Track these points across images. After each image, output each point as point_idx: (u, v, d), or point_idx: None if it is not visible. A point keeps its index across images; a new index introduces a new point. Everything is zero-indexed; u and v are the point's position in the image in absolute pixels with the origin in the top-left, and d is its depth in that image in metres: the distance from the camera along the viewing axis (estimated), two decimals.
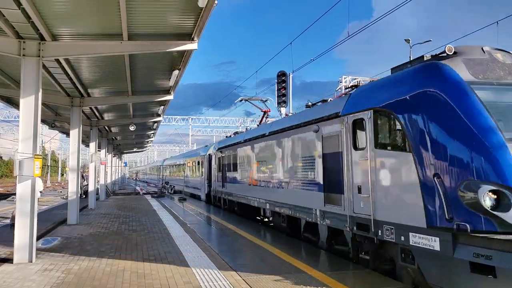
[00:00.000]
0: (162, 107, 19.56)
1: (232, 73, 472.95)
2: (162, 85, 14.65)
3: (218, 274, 7.65)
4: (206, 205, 23.65)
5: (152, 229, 13.62)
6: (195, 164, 29.93)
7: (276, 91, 19.61)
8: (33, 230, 8.97)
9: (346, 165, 8.40)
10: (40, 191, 19.87)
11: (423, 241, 6.32)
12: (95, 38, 9.59)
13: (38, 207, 10.33)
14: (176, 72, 12.27)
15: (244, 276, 7.49)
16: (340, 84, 32.01)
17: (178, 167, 39.48)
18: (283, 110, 19.23)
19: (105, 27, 9.07)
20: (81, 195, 22.85)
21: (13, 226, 9.42)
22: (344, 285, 6.88)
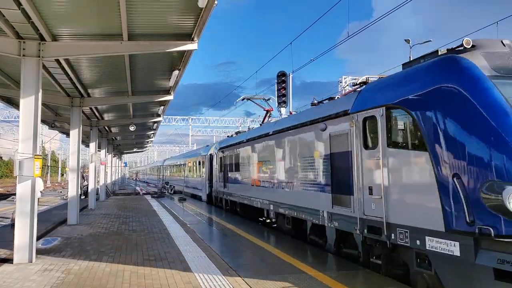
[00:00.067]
0: (162, 107, 19.57)
1: (232, 73, 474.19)
2: (162, 85, 14.65)
3: (218, 275, 7.65)
4: (208, 205, 23.35)
5: (152, 229, 13.62)
6: (196, 164, 29.63)
7: (276, 91, 19.59)
8: (33, 230, 8.97)
9: (355, 165, 8.02)
10: (40, 191, 19.83)
11: (441, 246, 5.99)
12: (95, 38, 9.59)
13: (38, 207, 10.32)
14: (176, 72, 12.28)
15: (245, 276, 7.49)
16: (340, 84, 31.97)
17: (179, 167, 39.09)
18: (283, 110, 19.22)
19: (105, 27, 9.07)
20: (81, 195, 22.85)
21: (14, 226, 9.42)
22: (345, 286, 6.86)
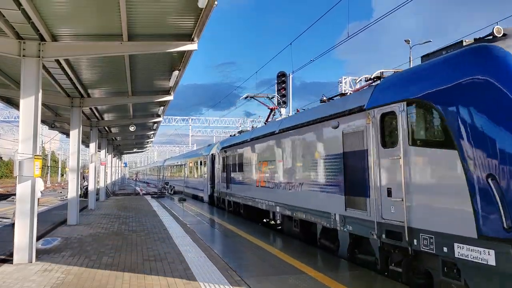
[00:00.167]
0: (162, 107, 19.57)
1: (232, 73, 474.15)
2: (162, 85, 14.65)
3: (218, 275, 7.64)
4: (209, 207, 22.92)
5: (152, 229, 13.61)
6: (197, 165, 29.22)
7: (276, 92, 19.66)
8: (33, 231, 8.98)
9: (372, 165, 7.47)
10: (41, 191, 19.83)
11: (473, 254, 5.44)
12: (95, 38, 9.60)
13: (38, 208, 10.32)
14: (176, 72, 12.28)
15: (245, 277, 7.48)
16: (340, 84, 31.94)
17: (180, 168, 38.59)
18: (283, 110, 19.24)
19: (105, 27, 9.08)
20: (81, 196, 22.84)
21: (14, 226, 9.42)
22: (345, 286, 6.86)
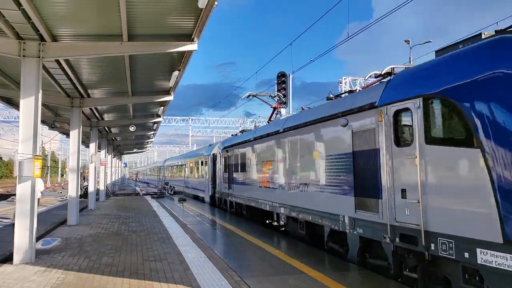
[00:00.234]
0: (162, 107, 19.58)
1: (232, 73, 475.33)
2: (162, 85, 14.66)
3: (218, 276, 7.64)
4: (210, 207, 22.59)
5: (152, 229, 13.62)
6: (198, 165, 28.92)
7: (276, 92, 19.66)
8: (33, 231, 8.97)
9: (384, 165, 7.16)
10: (41, 192, 19.83)
11: (498, 260, 5.12)
12: (95, 39, 9.60)
13: (38, 208, 10.32)
14: (176, 72, 12.28)
15: (245, 277, 7.48)
16: (340, 85, 31.93)
17: (180, 168, 38.18)
18: (283, 110, 19.23)
19: (105, 27, 9.08)
20: (81, 196, 22.83)
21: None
22: (345, 287, 6.86)
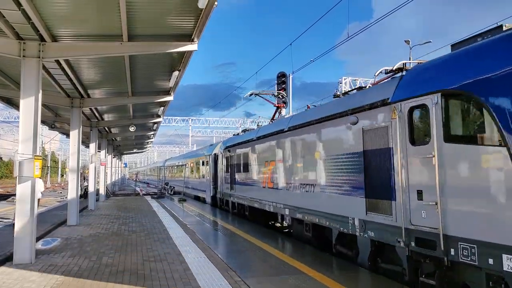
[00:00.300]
0: (162, 108, 19.58)
1: (232, 74, 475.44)
2: (162, 86, 14.66)
3: (218, 276, 7.64)
4: (212, 208, 22.16)
5: (152, 230, 13.62)
6: (199, 165, 28.59)
7: (277, 91, 19.66)
8: (33, 231, 8.97)
9: (398, 164, 6.85)
10: (41, 192, 19.84)
11: None
12: (95, 39, 9.60)
13: (38, 208, 10.32)
14: (176, 73, 12.28)
15: (244, 277, 7.48)
16: (340, 85, 31.92)
17: (181, 168, 37.76)
18: (283, 110, 19.23)
19: (105, 28, 9.08)
20: (81, 196, 22.83)
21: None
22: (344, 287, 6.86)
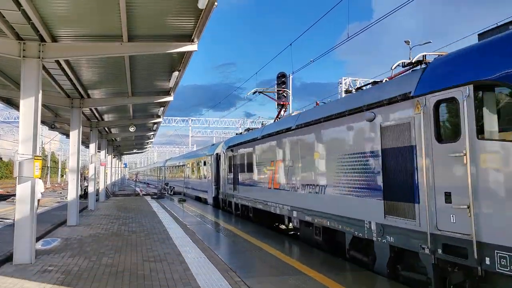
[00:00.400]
0: (162, 108, 19.58)
1: (232, 74, 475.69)
2: (162, 86, 14.67)
3: (218, 276, 7.64)
4: (214, 209, 21.70)
5: (152, 230, 13.62)
6: (201, 165, 28.20)
7: (278, 89, 19.63)
8: (33, 231, 8.97)
9: (423, 164, 6.41)
10: (41, 192, 19.84)
11: None
12: (95, 39, 9.60)
13: (38, 209, 10.32)
14: (176, 73, 12.29)
15: (244, 277, 7.48)
16: (340, 85, 31.88)
17: (182, 168, 37.31)
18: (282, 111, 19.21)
19: (105, 28, 9.08)
20: (81, 196, 22.83)
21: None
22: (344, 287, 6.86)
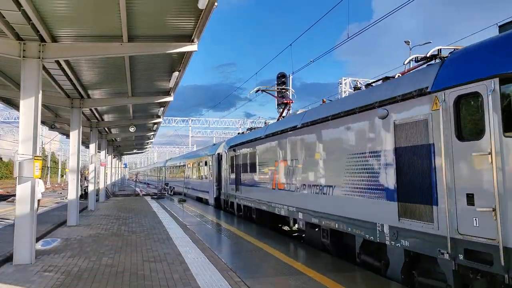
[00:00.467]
0: (162, 108, 19.59)
1: (232, 74, 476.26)
2: (162, 86, 14.67)
3: (218, 276, 7.64)
4: (215, 210, 21.26)
5: (151, 230, 13.62)
6: (202, 165, 27.87)
7: (276, 93, 19.66)
8: (33, 232, 8.97)
9: (442, 163, 6.03)
10: (41, 192, 19.84)
11: None
12: (95, 39, 9.61)
13: (38, 209, 10.32)
14: (176, 73, 12.30)
15: (244, 278, 7.48)
16: (340, 85, 31.88)
17: (183, 168, 37.00)
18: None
19: (105, 28, 9.09)
20: (81, 196, 22.83)
21: None
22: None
